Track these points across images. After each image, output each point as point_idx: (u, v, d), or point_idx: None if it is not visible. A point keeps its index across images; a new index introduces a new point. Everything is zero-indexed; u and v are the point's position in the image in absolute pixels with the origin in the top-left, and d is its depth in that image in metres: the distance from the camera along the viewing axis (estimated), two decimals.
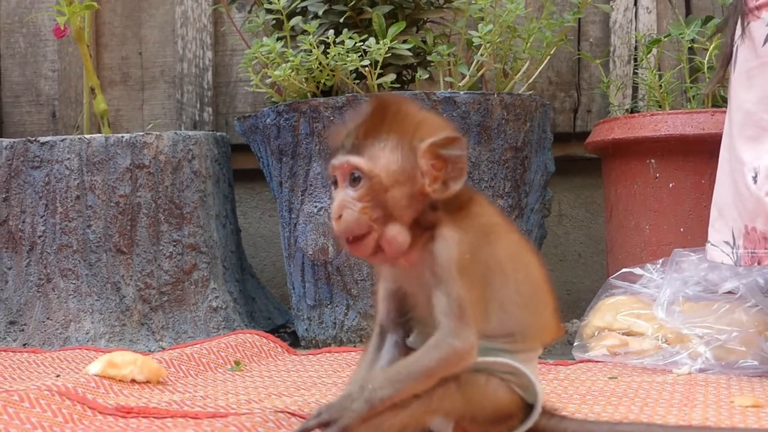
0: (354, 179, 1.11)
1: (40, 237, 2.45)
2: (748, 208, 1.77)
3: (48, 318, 2.44)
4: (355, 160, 1.11)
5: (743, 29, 1.82)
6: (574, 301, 2.87)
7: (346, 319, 2.28)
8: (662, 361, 1.95)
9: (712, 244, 1.92)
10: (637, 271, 2.18)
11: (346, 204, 1.11)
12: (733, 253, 1.84)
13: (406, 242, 1.12)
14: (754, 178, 1.75)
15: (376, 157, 1.11)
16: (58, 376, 1.86)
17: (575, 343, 2.14)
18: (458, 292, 1.10)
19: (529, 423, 1.19)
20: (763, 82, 1.77)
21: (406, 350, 1.19)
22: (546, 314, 1.20)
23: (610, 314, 2.10)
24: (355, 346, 2.25)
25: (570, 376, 1.84)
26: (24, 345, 2.43)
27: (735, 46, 1.86)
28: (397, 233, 1.11)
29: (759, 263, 1.77)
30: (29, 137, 2.50)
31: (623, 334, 2.06)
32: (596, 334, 2.10)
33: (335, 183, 1.14)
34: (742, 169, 1.78)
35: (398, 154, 1.12)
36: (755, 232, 1.76)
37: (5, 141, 2.50)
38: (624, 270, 2.21)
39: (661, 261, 2.16)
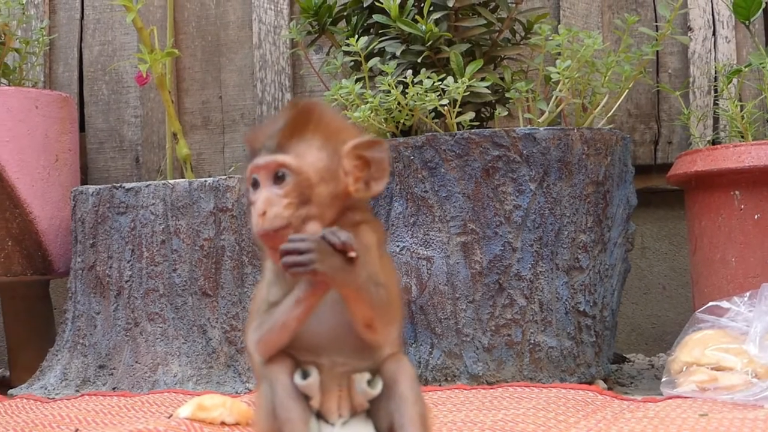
0: (279, 177, 1.11)
1: (127, 282, 2.49)
2: None
3: (136, 362, 2.48)
4: (282, 157, 1.11)
5: None
6: (659, 335, 2.84)
7: (430, 358, 2.28)
8: (753, 397, 1.91)
9: None
10: (724, 304, 2.15)
11: (272, 200, 1.10)
12: None
13: None
14: None
15: (302, 155, 1.11)
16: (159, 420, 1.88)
17: (663, 379, 2.11)
18: (386, 281, 1.11)
19: None
20: None
21: None
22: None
23: (698, 349, 2.06)
24: (440, 385, 2.24)
25: (660, 414, 1.82)
26: (113, 389, 2.47)
27: None
28: (317, 231, 1.10)
29: None
30: (114, 183, 2.55)
31: (712, 369, 2.03)
32: (684, 369, 2.07)
33: (255, 184, 1.13)
34: None
35: (324, 154, 1.12)
36: None
37: (91, 188, 2.56)
38: (711, 304, 2.18)
39: (748, 294, 2.12)
